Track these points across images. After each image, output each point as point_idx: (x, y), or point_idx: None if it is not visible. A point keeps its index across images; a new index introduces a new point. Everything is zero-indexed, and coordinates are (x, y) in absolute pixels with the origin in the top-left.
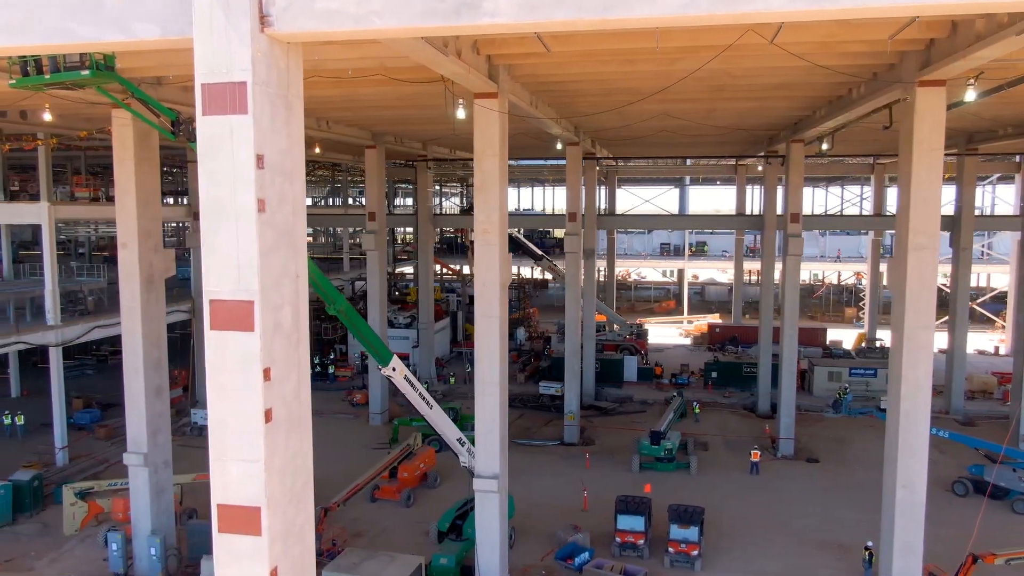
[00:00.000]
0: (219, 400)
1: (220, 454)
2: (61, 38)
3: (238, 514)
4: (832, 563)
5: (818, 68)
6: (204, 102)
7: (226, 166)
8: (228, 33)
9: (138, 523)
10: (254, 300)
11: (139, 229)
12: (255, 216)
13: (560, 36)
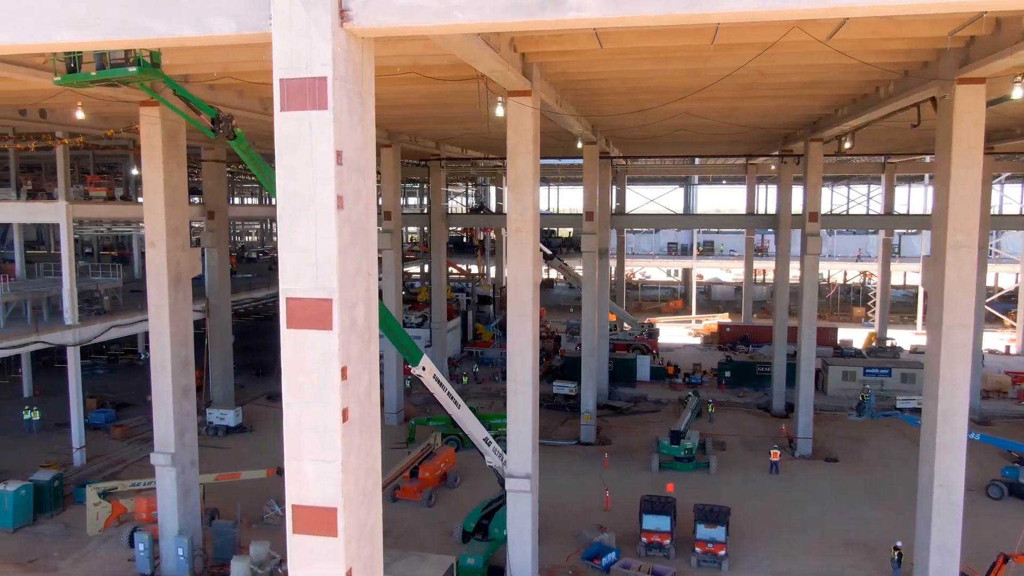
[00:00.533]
0: (295, 399)
1: (296, 454)
2: (131, 33)
3: (314, 515)
4: (859, 563)
5: (850, 66)
6: (283, 97)
7: (304, 162)
8: (308, 28)
9: (165, 523)
10: (332, 298)
11: (167, 228)
12: (334, 213)
13: (599, 33)
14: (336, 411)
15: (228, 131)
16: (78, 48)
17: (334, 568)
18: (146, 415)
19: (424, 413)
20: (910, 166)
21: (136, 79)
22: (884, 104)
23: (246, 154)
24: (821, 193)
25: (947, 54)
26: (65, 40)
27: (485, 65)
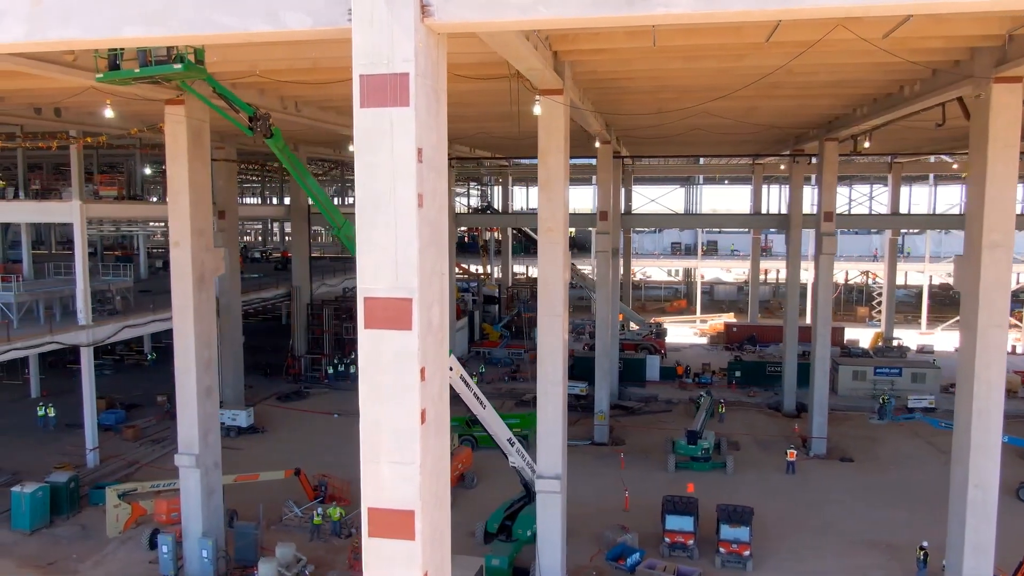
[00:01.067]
0: (373, 401)
1: (373, 456)
2: (202, 29)
3: (390, 518)
4: (883, 563)
5: (878, 64)
6: (363, 94)
7: (385, 160)
8: (390, 24)
9: (189, 525)
10: (412, 298)
11: (192, 228)
12: (415, 211)
13: (640, 32)
14: (415, 412)
15: (265, 129)
16: (145, 44)
17: (410, 572)
18: (156, 416)
19: None
20: (916, 166)
21: (180, 76)
22: (908, 103)
23: (282, 152)
24: (836, 193)
25: (982, 52)
26: (134, 35)
27: (526, 63)
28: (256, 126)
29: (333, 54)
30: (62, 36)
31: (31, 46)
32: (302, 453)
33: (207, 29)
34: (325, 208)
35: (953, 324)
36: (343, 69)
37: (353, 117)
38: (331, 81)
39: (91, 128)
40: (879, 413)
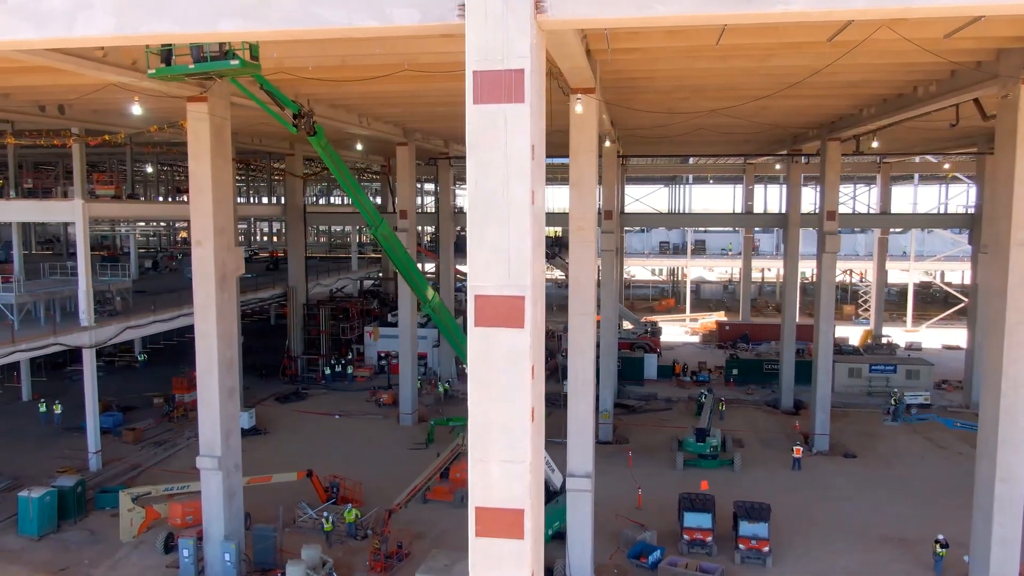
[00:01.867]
0: (483, 398)
1: (482, 455)
2: (304, 23)
3: (499, 517)
4: (899, 557)
5: (901, 65)
6: (476, 90)
7: (499, 157)
8: (505, 19)
9: (210, 528)
10: (525, 296)
11: (215, 227)
12: (529, 209)
13: (679, 31)
14: (526, 410)
15: (309, 127)
16: (242, 38)
17: (519, 572)
18: (156, 419)
19: (437, 413)
20: (901, 166)
21: (237, 73)
22: (922, 104)
23: (324, 150)
24: (839, 192)
25: (1010, 54)
26: (230, 30)
27: (573, 62)
28: (300, 123)
29: (362, 51)
30: (153, 30)
31: (118, 40)
32: (307, 454)
33: (309, 24)
34: (363, 207)
35: (937, 322)
36: (372, 67)
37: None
38: (358, 79)
39: (94, 126)
40: (893, 415)
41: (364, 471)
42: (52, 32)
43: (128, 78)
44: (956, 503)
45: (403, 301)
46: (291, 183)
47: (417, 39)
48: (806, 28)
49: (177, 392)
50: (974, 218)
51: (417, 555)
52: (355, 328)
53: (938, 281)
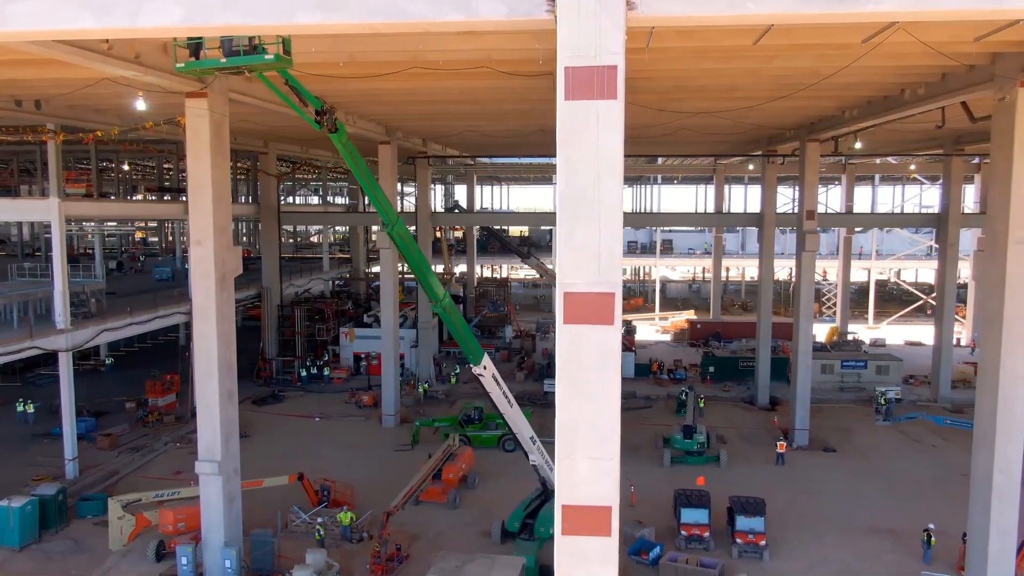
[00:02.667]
0: (571, 396)
1: (569, 452)
2: (386, 16)
3: (586, 514)
4: (890, 547)
5: (893, 68)
6: (568, 86)
7: (589, 154)
8: (598, 15)
9: (210, 534)
10: (615, 292)
11: (215, 226)
12: (620, 206)
13: (692, 31)
14: (615, 407)
15: (331, 124)
16: (319, 31)
17: (606, 569)
18: (132, 424)
19: (418, 414)
20: (864, 167)
21: (270, 67)
22: (909, 106)
23: (345, 147)
24: (817, 192)
25: (1005, 58)
26: (307, 22)
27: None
28: (323, 120)
29: (369, 48)
30: (224, 21)
31: (183, 31)
32: (290, 458)
33: (392, 17)
34: (380, 205)
35: (897, 319)
36: (380, 64)
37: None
38: (365, 76)
39: (69, 122)
40: (885, 415)
41: (351, 473)
42: (114, 22)
43: (132, 72)
44: (936, 494)
45: (385, 302)
46: (265, 182)
47: (430, 36)
48: (817, 29)
49: (151, 396)
50: (940, 218)
51: (416, 557)
52: (330, 329)
53: (898, 279)
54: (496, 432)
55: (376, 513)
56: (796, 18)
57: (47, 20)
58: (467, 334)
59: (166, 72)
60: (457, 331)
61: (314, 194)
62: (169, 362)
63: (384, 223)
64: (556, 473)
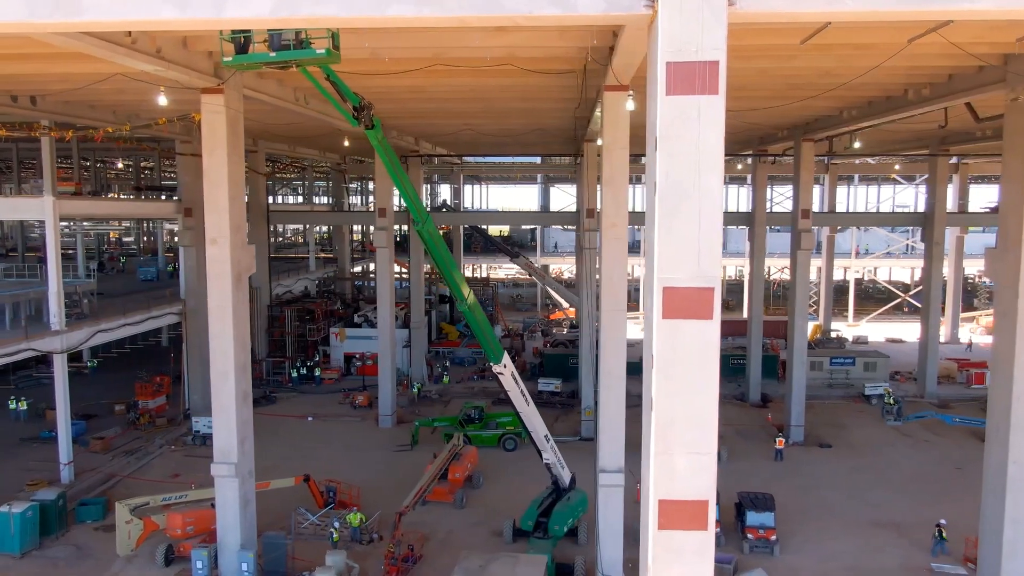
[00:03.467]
0: (668, 391)
1: (666, 447)
2: (481, 9)
3: (684, 509)
4: (895, 541)
5: (901, 69)
6: (669, 81)
7: (690, 148)
8: (701, 11)
9: (226, 537)
10: (715, 287)
11: (231, 224)
12: (720, 200)
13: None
14: (714, 402)
15: (368, 120)
16: (412, 24)
17: (702, 564)
18: (126, 428)
19: (413, 414)
20: (847, 167)
21: (319, 62)
22: (912, 107)
23: (381, 143)
24: (812, 191)
25: (1016, 59)
26: (400, 14)
27: (633, 58)
28: (361, 116)
29: (397, 44)
30: (314, 13)
31: (268, 23)
32: (289, 460)
33: (489, 11)
34: (413, 202)
35: (876, 316)
36: (401, 61)
37: (657, 104)
38: (385, 72)
39: (63, 118)
40: (896, 415)
41: (352, 474)
42: (198, 12)
43: (153, 66)
44: (933, 488)
45: (382, 302)
46: (253, 181)
47: (456, 31)
48: (855, 29)
49: (141, 398)
50: (926, 217)
51: (428, 557)
52: (320, 329)
53: (874, 278)
54: (496, 431)
55: (384, 514)
56: (885, 15)
57: (129, 10)
58: (489, 333)
59: (186, 66)
60: (480, 329)
61: (293, 193)
62: (152, 364)
63: (414, 220)
64: (653, 469)
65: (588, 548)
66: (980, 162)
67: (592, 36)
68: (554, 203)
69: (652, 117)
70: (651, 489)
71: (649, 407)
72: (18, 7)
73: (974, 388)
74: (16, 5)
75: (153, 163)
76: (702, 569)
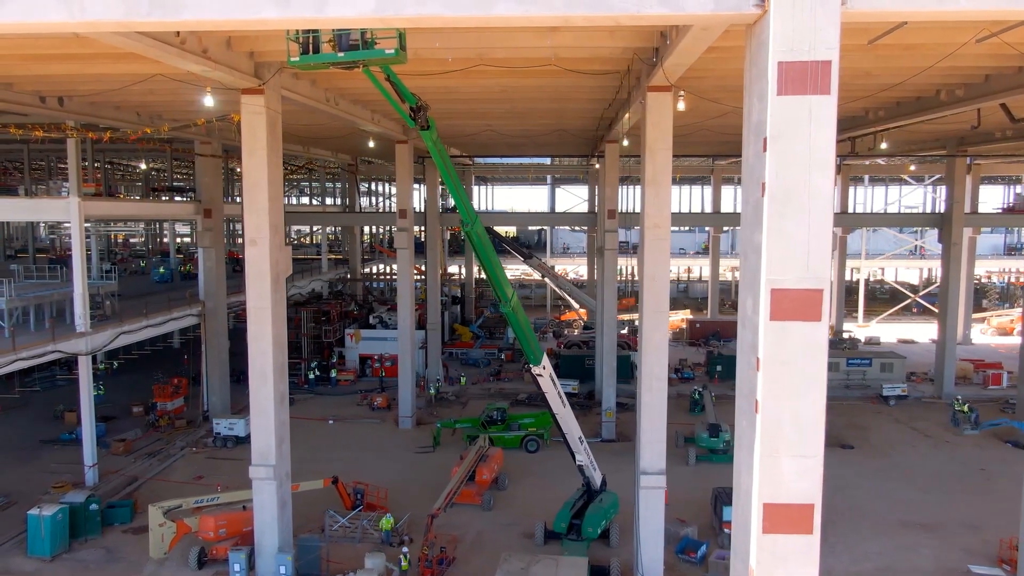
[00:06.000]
0: (775, 394)
1: (772, 450)
2: (589, 9)
3: (789, 512)
4: (928, 542)
5: (937, 69)
6: (780, 81)
7: (801, 148)
8: (814, 10)
9: (263, 540)
10: (823, 288)
11: (271, 225)
12: (830, 202)
13: None
14: (821, 404)
15: (424, 121)
16: (517, 23)
17: (808, 568)
18: (148, 431)
19: (430, 415)
20: (858, 168)
21: (386, 62)
22: (944, 107)
23: (435, 144)
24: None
25: None
26: (506, 14)
27: (685, 58)
28: (418, 117)
29: (442, 44)
30: (419, 12)
31: (371, 21)
32: (312, 462)
33: (596, 10)
34: (463, 204)
35: (886, 317)
36: (443, 62)
37: (767, 105)
38: (424, 73)
39: (89, 119)
40: (973, 423)
41: (376, 476)
42: (300, 11)
43: (200, 67)
44: (959, 488)
45: (403, 303)
46: None
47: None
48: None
49: (159, 400)
50: (944, 217)
51: (461, 559)
52: (336, 331)
53: (882, 278)
54: (519, 433)
55: (414, 516)
56: (993, 14)
57: (229, 9)
58: (531, 334)
59: (229, 67)
60: (522, 331)
61: (300, 194)
62: (165, 367)
63: (463, 222)
64: (758, 472)
65: (621, 549)
66: (992, 163)
67: (642, 37)
68: (560, 204)
69: (758, 117)
70: (755, 493)
71: (753, 410)
72: (115, 6)
73: (991, 389)
74: (114, 4)
75: (164, 164)
76: (807, 572)
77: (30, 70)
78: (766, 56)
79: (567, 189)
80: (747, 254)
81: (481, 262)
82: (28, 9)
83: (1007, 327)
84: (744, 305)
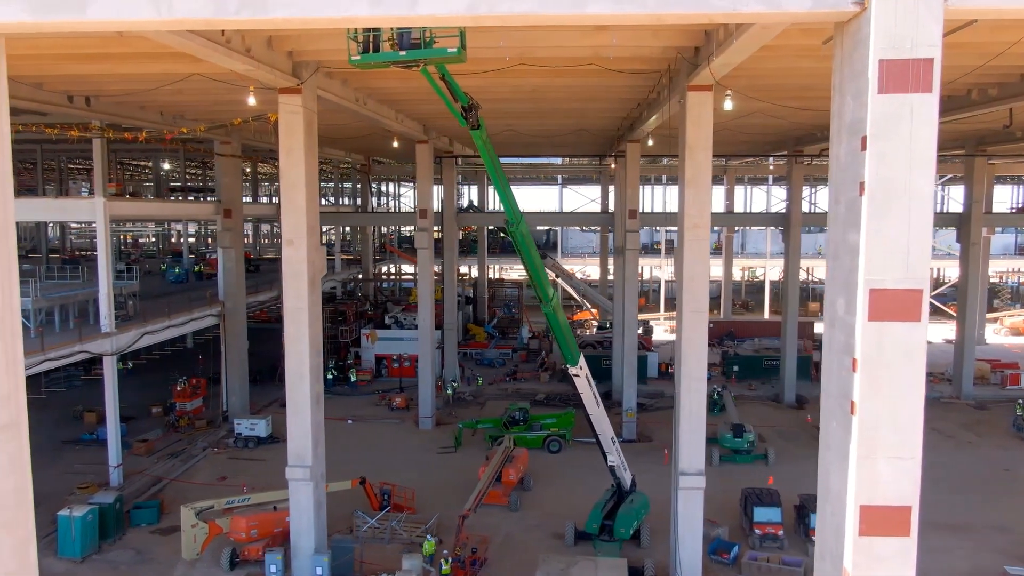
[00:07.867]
0: (873, 395)
1: (869, 451)
2: (685, 7)
3: (885, 515)
4: (961, 544)
5: (972, 67)
6: (882, 79)
7: (902, 147)
8: (917, 7)
9: (299, 541)
10: (923, 288)
11: (307, 225)
12: (931, 201)
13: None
14: (920, 405)
15: (475, 120)
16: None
17: (905, 570)
18: (171, 430)
19: (449, 416)
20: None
21: (448, 60)
22: (975, 107)
23: (484, 144)
24: None
25: None
26: (598, 12)
27: (735, 56)
28: (469, 116)
29: (483, 43)
30: (512, 10)
31: (463, 19)
32: (333, 462)
33: (692, 8)
34: (510, 203)
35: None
36: (482, 61)
37: (867, 103)
38: (461, 72)
39: (114, 119)
40: None
41: (399, 476)
42: (391, 9)
43: (244, 65)
44: (984, 489)
45: (423, 303)
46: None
47: (539, 31)
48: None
49: (179, 400)
50: (963, 217)
51: (491, 560)
52: (352, 331)
53: None
54: (541, 433)
55: (442, 516)
56: None
57: (319, 8)
58: (569, 334)
59: (270, 66)
60: (561, 331)
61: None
62: (181, 367)
63: (508, 221)
64: (854, 474)
65: (652, 550)
66: (1007, 163)
67: (686, 36)
68: (567, 204)
69: (853, 115)
70: (850, 495)
71: (849, 411)
72: (205, 5)
73: (1009, 389)
74: (203, 3)
75: (176, 164)
76: (904, 574)
77: (63, 69)
78: (865, 54)
79: (575, 189)
80: (839, 254)
81: (524, 262)
82: (119, 8)
83: (1020, 327)
84: (834, 305)
